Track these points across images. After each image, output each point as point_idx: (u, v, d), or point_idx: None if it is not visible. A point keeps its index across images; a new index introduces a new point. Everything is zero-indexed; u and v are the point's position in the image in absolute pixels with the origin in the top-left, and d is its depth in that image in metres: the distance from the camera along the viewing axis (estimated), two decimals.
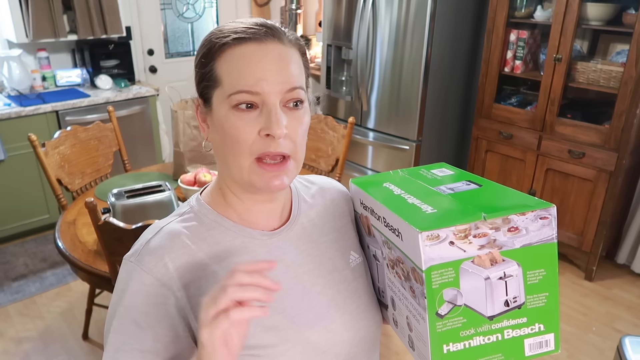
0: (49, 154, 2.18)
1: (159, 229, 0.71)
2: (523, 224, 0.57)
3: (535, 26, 2.79)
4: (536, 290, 0.60)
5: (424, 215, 0.58)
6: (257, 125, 0.64)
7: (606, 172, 2.52)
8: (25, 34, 3.09)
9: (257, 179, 0.66)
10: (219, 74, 0.65)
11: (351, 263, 0.81)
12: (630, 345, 1.55)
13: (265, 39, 0.65)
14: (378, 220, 0.68)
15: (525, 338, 0.61)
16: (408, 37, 2.88)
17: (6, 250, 3.02)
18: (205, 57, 0.67)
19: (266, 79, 0.63)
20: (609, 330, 2.40)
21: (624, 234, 2.87)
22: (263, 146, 0.64)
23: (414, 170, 0.77)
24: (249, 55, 0.64)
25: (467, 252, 0.56)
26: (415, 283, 0.58)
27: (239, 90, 0.63)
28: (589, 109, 2.66)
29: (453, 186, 0.67)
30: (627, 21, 2.37)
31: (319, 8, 4.19)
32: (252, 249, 0.72)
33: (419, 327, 0.60)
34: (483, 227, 0.55)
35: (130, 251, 0.71)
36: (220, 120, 0.66)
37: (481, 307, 0.58)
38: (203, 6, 4.10)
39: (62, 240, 1.78)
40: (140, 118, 3.39)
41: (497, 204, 0.59)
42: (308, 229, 0.79)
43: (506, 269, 0.58)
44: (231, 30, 0.66)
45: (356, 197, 0.79)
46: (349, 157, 3.36)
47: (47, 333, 2.34)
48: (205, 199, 0.75)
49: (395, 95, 3.05)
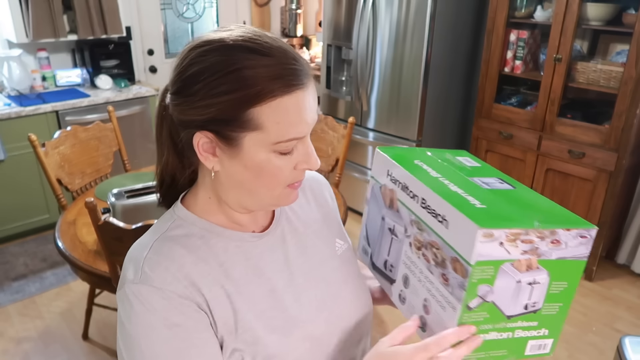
0: (49, 154, 2.18)
1: (150, 245, 0.68)
2: (565, 239, 0.59)
3: (535, 26, 2.79)
4: (554, 300, 0.63)
5: (477, 210, 0.59)
6: (294, 161, 0.66)
7: (606, 172, 2.52)
8: (25, 34, 3.09)
9: (285, 200, 0.70)
10: (262, 121, 0.61)
11: (337, 251, 0.83)
12: (630, 345, 1.55)
13: (307, 82, 0.64)
14: (412, 199, 0.68)
15: (530, 339, 0.64)
16: (408, 37, 2.88)
17: (6, 250, 3.02)
18: (241, 102, 0.60)
19: (309, 123, 0.65)
20: (609, 330, 2.40)
21: (624, 234, 2.87)
22: (297, 176, 0.68)
23: (440, 152, 0.78)
24: (299, 105, 0.62)
25: (511, 255, 0.58)
26: (453, 272, 0.60)
27: (290, 138, 0.63)
28: (589, 109, 2.66)
29: (487, 181, 0.69)
30: (627, 21, 2.37)
31: (319, 8, 4.19)
32: (246, 251, 0.72)
33: (443, 314, 0.62)
34: (532, 234, 0.57)
35: (129, 277, 0.65)
36: (255, 162, 0.64)
37: (504, 306, 0.61)
38: (203, 6, 4.10)
39: (62, 240, 1.78)
40: (140, 118, 3.39)
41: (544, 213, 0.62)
42: (294, 223, 0.80)
43: (537, 276, 0.60)
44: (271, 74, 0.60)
45: (382, 166, 0.77)
46: (349, 157, 3.35)
47: (47, 333, 2.34)
48: (189, 207, 0.72)
49: (395, 95, 3.05)
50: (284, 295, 0.73)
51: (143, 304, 0.63)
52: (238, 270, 0.70)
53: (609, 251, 2.92)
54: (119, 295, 0.66)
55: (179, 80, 0.64)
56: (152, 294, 0.63)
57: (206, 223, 0.71)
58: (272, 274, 0.73)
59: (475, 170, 0.73)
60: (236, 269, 0.70)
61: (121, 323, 0.65)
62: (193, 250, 0.68)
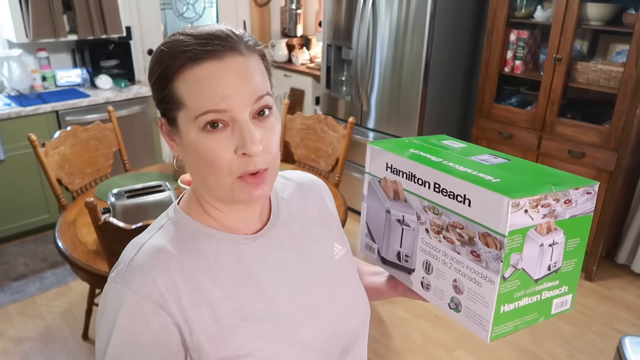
0: (49, 154, 2.18)
1: (141, 245, 0.68)
2: (575, 197, 0.64)
3: (535, 26, 2.79)
4: (570, 257, 0.67)
5: (496, 184, 0.62)
6: (231, 144, 0.62)
7: (606, 172, 2.52)
8: (25, 34, 3.09)
9: (240, 194, 0.66)
10: (180, 96, 0.63)
11: (335, 255, 0.82)
12: (630, 345, 1.55)
13: (223, 54, 0.62)
14: (421, 186, 0.70)
15: (554, 298, 0.68)
16: (408, 37, 2.88)
17: (6, 250, 3.02)
18: (162, 80, 0.64)
19: (231, 95, 0.61)
20: (609, 330, 2.40)
21: (624, 234, 2.87)
22: (242, 166, 0.63)
23: (425, 139, 0.80)
24: (209, 75, 0.61)
25: (534, 221, 0.61)
26: (485, 247, 0.62)
27: (204, 110, 0.61)
28: (589, 109, 2.66)
29: (482, 158, 0.72)
30: (627, 21, 2.37)
31: (319, 8, 4.19)
32: (237, 254, 0.71)
33: (481, 290, 0.64)
34: (549, 198, 0.61)
35: (114, 272, 0.67)
36: (191, 143, 0.64)
37: (532, 270, 0.64)
38: (203, 6, 4.11)
39: (62, 240, 1.78)
40: (140, 118, 3.39)
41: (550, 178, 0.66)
42: (290, 227, 0.79)
43: (555, 236, 0.64)
44: (184, 48, 0.62)
45: (378, 159, 0.77)
46: (349, 157, 3.35)
47: (47, 333, 2.34)
48: (184, 209, 0.72)
49: (395, 95, 3.05)
50: (275, 299, 0.72)
51: (116, 303, 0.64)
52: (227, 274, 0.69)
53: (609, 251, 2.92)
54: (105, 286, 0.68)
55: None
56: (126, 296, 0.63)
57: (199, 225, 0.71)
58: (263, 277, 0.72)
59: (465, 150, 0.75)
60: (226, 272, 0.69)
61: (98, 311, 0.67)
62: (181, 254, 0.67)
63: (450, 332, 2.37)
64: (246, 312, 0.68)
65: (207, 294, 0.67)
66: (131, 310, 0.63)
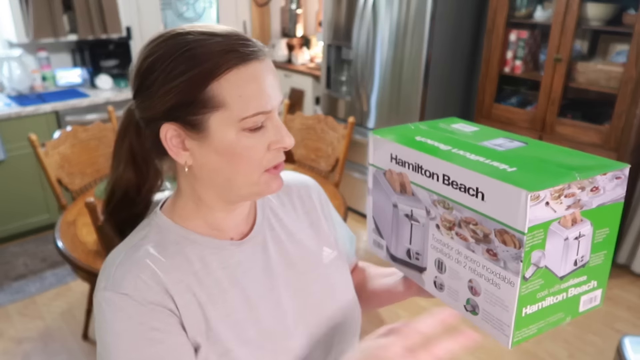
0: (49, 154, 2.18)
1: (124, 252, 0.67)
2: (602, 184, 0.57)
3: (535, 26, 2.79)
4: (599, 249, 0.60)
5: (513, 175, 0.55)
6: (266, 140, 0.64)
7: None
8: (26, 34, 3.09)
9: (265, 188, 0.67)
10: (223, 97, 0.60)
11: (324, 259, 0.79)
12: (630, 345, 1.55)
13: (262, 55, 0.63)
14: (429, 178, 0.64)
15: (582, 295, 0.62)
16: (408, 37, 2.88)
17: (6, 250, 3.02)
18: (197, 81, 0.60)
19: (273, 96, 0.63)
20: (609, 330, 2.40)
21: (624, 234, 2.87)
22: (274, 159, 0.66)
23: (433, 123, 0.74)
24: (256, 75, 0.62)
25: (557, 213, 0.54)
26: (503, 245, 0.56)
27: (255, 112, 0.61)
28: (589, 109, 2.66)
29: (497, 142, 0.65)
30: (627, 21, 2.37)
31: (319, 8, 4.19)
32: (222, 260, 0.70)
33: (498, 292, 0.58)
34: (573, 187, 0.54)
35: (101, 284, 0.64)
36: (227, 144, 0.62)
37: (556, 267, 0.58)
38: (203, 6, 4.11)
39: (62, 240, 1.78)
40: None
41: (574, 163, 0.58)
42: (276, 230, 0.77)
43: (582, 228, 0.58)
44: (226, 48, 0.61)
45: (382, 150, 0.71)
46: (349, 157, 3.35)
47: (47, 333, 2.34)
48: (167, 214, 0.71)
49: (395, 95, 3.05)
50: (260, 306, 0.70)
51: (113, 311, 0.62)
52: (212, 279, 0.68)
53: None
54: (94, 303, 0.66)
55: (137, 78, 0.64)
56: (122, 301, 0.62)
57: (182, 230, 0.70)
58: (248, 283, 0.70)
59: (477, 134, 0.69)
60: (210, 278, 0.68)
61: (97, 330, 0.65)
62: (166, 258, 0.66)
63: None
64: (231, 318, 0.67)
65: (196, 295, 0.66)
66: (133, 312, 0.62)
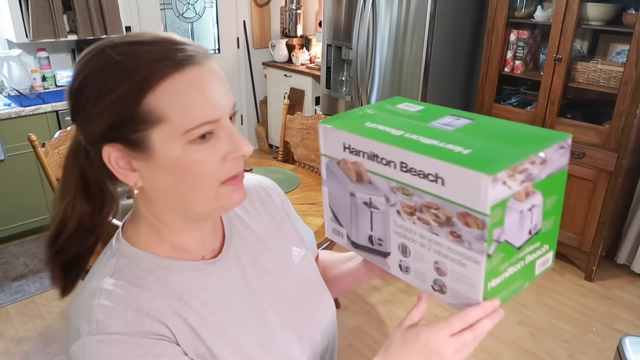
0: (49, 154, 2.18)
1: (99, 289, 0.61)
2: (549, 155, 0.59)
3: (535, 26, 2.79)
4: (548, 215, 0.63)
5: (469, 157, 0.56)
6: (219, 151, 0.59)
7: (606, 172, 2.52)
8: (25, 34, 3.09)
9: (226, 201, 0.62)
10: (160, 110, 0.55)
11: (295, 259, 0.79)
12: (630, 345, 1.55)
13: (201, 59, 0.57)
14: (387, 166, 0.63)
15: (537, 259, 0.65)
16: (408, 37, 2.88)
17: (6, 250, 3.02)
18: (128, 97, 0.55)
19: (220, 102, 0.58)
20: (609, 330, 2.40)
21: (624, 234, 2.87)
22: (231, 169, 0.60)
23: (379, 106, 0.75)
24: (195, 82, 0.56)
25: (512, 189, 0.56)
26: (466, 227, 0.57)
27: (200, 123, 0.56)
28: (589, 109, 2.66)
29: (444, 122, 0.67)
30: (627, 21, 2.37)
31: (319, 8, 4.19)
32: (200, 282, 0.67)
33: (464, 271, 0.60)
34: (525, 163, 0.56)
35: (84, 329, 0.58)
36: (174, 160, 0.57)
37: (514, 239, 0.60)
38: (203, 6, 4.11)
39: None
40: None
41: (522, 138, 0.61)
42: (246, 240, 0.75)
43: (534, 200, 0.60)
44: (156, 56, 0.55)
45: (333, 140, 0.70)
46: None
47: (47, 333, 2.34)
48: (132, 242, 0.66)
49: (395, 95, 3.05)
50: (248, 320, 0.69)
51: (107, 352, 0.57)
52: (197, 302, 0.65)
53: (609, 251, 2.92)
54: (73, 350, 0.59)
55: (70, 99, 0.59)
56: (116, 342, 0.57)
57: (153, 257, 0.65)
58: (231, 299, 0.69)
59: (424, 113, 0.71)
60: (195, 301, 0.65)
61: None
62: (146, 288, 0.62)
63: None
64: (225, 337, 0.66)
65: (187, 320, 0.64)
66: (129, 347, 0.58)
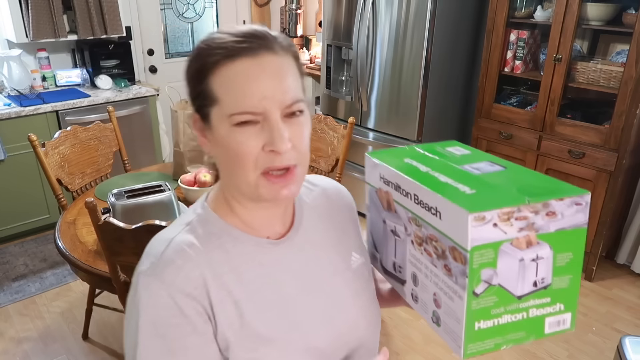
0: (49, 154, 2.18)
1: (170, 239, 0.69)
2: (560, 209, 0.59)
3: (535, 26, 2.79)
4: (562, 273, 0.62)
5: (467, 196, 0.59)
6: (260, 140, 0.63)
7: (606, 172, 2.52)
8: (25, 34, 3.09)
9: (265, 192, 0.66)
10: (216, 92, 0.63)
11: (352, 264, 0.82)
12: (630, 345, 1.55)
13: (258, 52, 0.62)
14: (405, 197, 0.68)
15: (546, 317, 0.64)
16: (408, 37, 2.88)
17: (6, 250, 3.02)
18: (198, 76, 0.65)
19: (267, 96, 0.62)
20: (609, 330, 2.40)
21: (624, 234, 2.87)
22: (268, 161, 0.64)
23: (429, 146, 0.78)
24: (245, 72, 0.62)
25: (507, 234, 0.57)
26: (454, 262, 0.60)
27: (241, 111, 0.62)
28: (589, 109, 2.66)
29: (477, 166, 0.68)
30: (627, 21, 2.37)
31: (319, 8, 4.18)
32: (260, 258, 0.72)
33: (452, 305, 0.62)
34: (525, 210, 0.57)
35: (144, 265, 0.67)
36: (222, 138, 0.64)
37: (512, 286, 0.60)
38: (203, 6, 4.10)
39: (62, 240, 1.78)
40: (140, 118, 3.39)
41: (534, 188, 0.61)
42: (311, 232, 0.79)
43: (539, 251, 0.60)
44: (220, 45, 0.63)
45: (374, 170, 0.77)
46: (349, 157, 3.34)
47: (47, 333, 2.34)
48: (211, 207, 0.73)
49: (395, 95, 3.05)
50: (293, 305, 0.73)
51: (149, 296, 0.64)
52: (250, 276, 0.70)
53: (609, 251, 2.92)
54: (132, 280, 0.68)
55: None
56: (159, 289, 0.64)
57: (225, 224, 0.71)
58: (283, 282, 0.73)
59: (465, 157, 0.72)
60: (248, 274, 0.70)
61: (128, 306, 0.68)
62: (210, 250, 0.69)
63: None
64: (265, 315, 0.70)
65: (232, 292, 0.68)
66: (166, 302, 0.64)
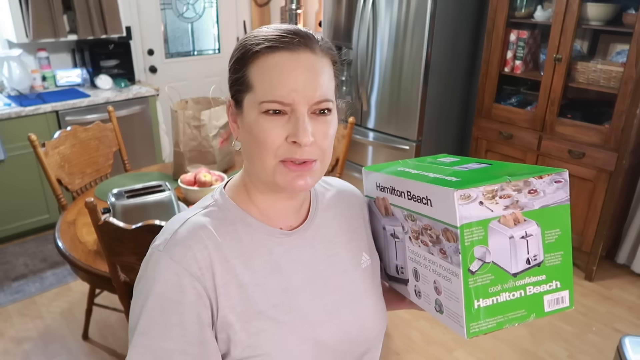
0: (49, 154, 2.18)
1: (185, 220, 0.72)
2: (541, 187, 0.63)
3: (535, 26, 2.79)
4: (553, 249, 0.65)
5: (453, 182, 0.63)
6: (284, 130, 0.66)
7: (606, 172, 2.52)
8: (25, 34, 3.09)
9: (281, 179, 0.69)
10: (252, 80, 0.67)
11: (362, 264, 0.84)
12: (630, 345, 1.55)
13: (297, 48, 0.66)
14: (399, 197, 0.73)
15: (544, 294, 0.66)
16: (408, 37, 2.88)
17: (6, 250, 3.02)
18: (239, 62, 0.69)
19: (297, 90, 0.65)
20: (609, 330, 2.40)
21: (624, 234, 2.87)
22: (289, 151, 0.67)
23: (422, 158, 0.84)
24: (282, 64, 0.66)
25: (494, 212, 0.61)
26: (448, 242, 0.63)
27: (271, 100, 0.66)
28: (589, 109, 2.66)
29: (465, 166, 0.73)
30: (627, 21, 2.37)
31: (319, 8, 4.18)
32: (270, 246, 0.74)
33: (451, 287, 0.64)
34: (507, 188, 0.61)
35: (158, 240, 0.71)
36: (249, 123, 0.68)
37: (506, 264, 0.63)
38: (203, 6, 4.10)
39: (62, 240, 1.78)
40: (140, 118, 3.39)
41: (514, 170, 0.66)
42: (323, 229, 0.81)
43: (527, 228, 0.63)
44: (264, 37, 0.67)
45: (371, 182, 0.81)
46: (349, 157, 3.35)
47: (47, 333, 2.34)
48: (229, 194, 0.77)
49: (395, 95, 3.05)
50: (299, 295, 0.74)
51: (156, 270, 0.68)
52: (258, 262, 0.73)
53: (609, 251, 2.92)
54: (147, 253, 0.72)
55: None
56: (167, 265, 0.68)
57: (240, 211, 0.75)
58: (291, 272, 0.75)
59: (454, 162, 0.77)
60: (257, 261, 0.73)
61: (138, 276, 0.72)
62: (221, 234, 0.72)
63: (450, 332, 2.36)
64: (270, 302, 0.72)
65: (238, 276, 0.71)
66: (170, 278, 0.67)
